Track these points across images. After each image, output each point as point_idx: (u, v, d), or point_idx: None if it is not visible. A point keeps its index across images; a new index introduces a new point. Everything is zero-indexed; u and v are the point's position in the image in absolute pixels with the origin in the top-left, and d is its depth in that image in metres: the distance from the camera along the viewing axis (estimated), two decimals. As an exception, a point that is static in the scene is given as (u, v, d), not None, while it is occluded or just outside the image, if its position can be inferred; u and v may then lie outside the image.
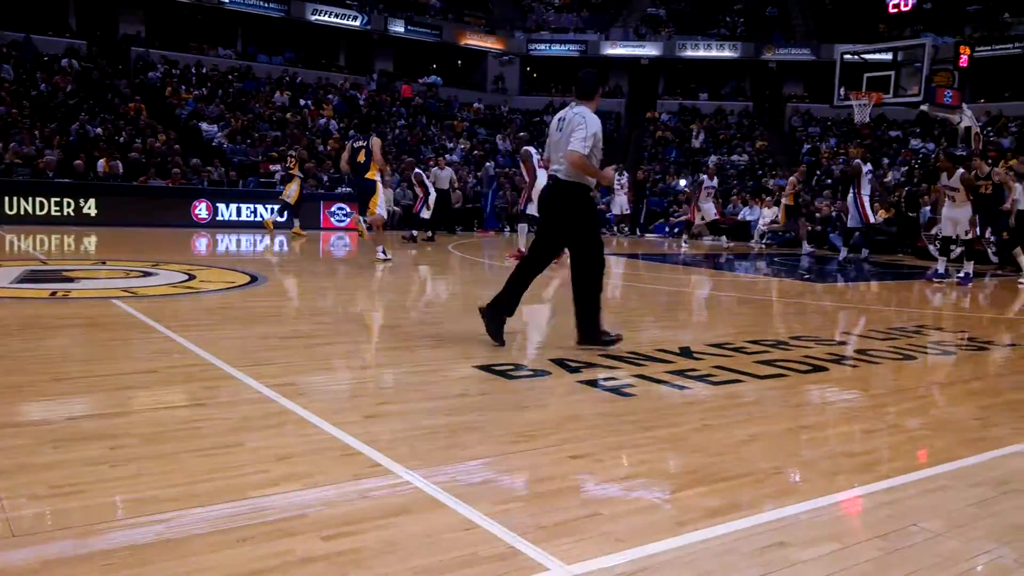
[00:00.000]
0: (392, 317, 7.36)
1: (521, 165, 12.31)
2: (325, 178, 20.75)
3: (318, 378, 4.51)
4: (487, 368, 4.74)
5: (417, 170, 16.87)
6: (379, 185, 11.41)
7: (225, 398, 3.97)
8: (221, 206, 18.16)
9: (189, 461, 3.01)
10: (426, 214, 16.16)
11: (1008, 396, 4.79)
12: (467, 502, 2.70)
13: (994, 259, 14.29)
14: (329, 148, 22.80)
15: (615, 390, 4.40)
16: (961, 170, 13.07)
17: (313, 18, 29.34)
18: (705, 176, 18.69)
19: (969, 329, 7.80)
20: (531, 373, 4.71)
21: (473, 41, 33.79)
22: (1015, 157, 15.55)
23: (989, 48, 28.61)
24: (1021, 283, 12.00)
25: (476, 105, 31.56)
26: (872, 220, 15.48)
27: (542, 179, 11.60)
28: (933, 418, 4.30)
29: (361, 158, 11.16)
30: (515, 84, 34.81)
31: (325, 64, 31.15)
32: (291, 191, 15.92)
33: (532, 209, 11.18)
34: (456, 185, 19.78)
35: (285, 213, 16.22)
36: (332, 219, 19.00)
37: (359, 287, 9.44)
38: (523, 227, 12.83)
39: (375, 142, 11.14)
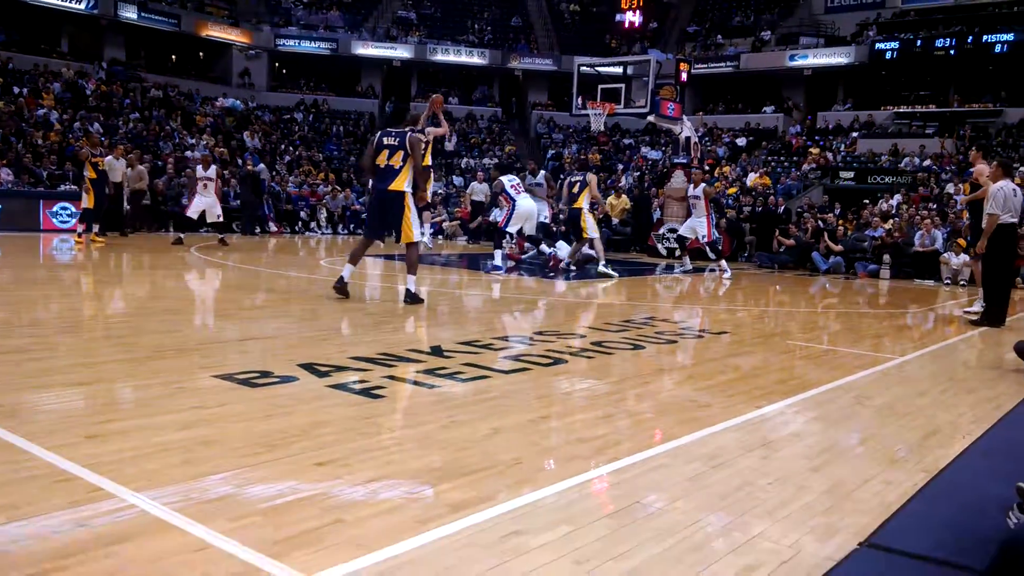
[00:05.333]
0: (123, 326, 6.77)
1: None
2: (45, 174, 18.70)
3: (30, 397, 4.03)
4: (228, 377, 4.51)
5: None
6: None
7: (-91, 427, 3.43)
8: (-85, 207, 15.76)
9: None
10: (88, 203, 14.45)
11: (719, 378, 5.36)
12: (200, 521, 2.55)
13: (712, 256, 15.90)
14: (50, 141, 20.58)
15: (365, 392, 4.37)
16: (704, 183, 14.74)
17: (28, -3, 26.32)
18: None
19: (690, 319, 8.63)
20: (277, 380, 4.55)
21: (216, 33, 32.02)
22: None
23: (706, 66, 31.92)
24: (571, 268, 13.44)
25: (220, 100, 29.94)
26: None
27: (523, 202, 12.92)
28: (656, 402, 4.71)
29: (396, 162, 7.98)
30: (263, 79, 33.48)
31: (45, 49, 28.03)
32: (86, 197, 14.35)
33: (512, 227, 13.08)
34: (125, 179, 17.14)
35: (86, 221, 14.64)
36: (54, 220, 17.15)
37: (85, 295, 8.60)
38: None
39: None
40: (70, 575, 2.18)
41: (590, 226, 12.96)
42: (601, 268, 12.67)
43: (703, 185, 14.61)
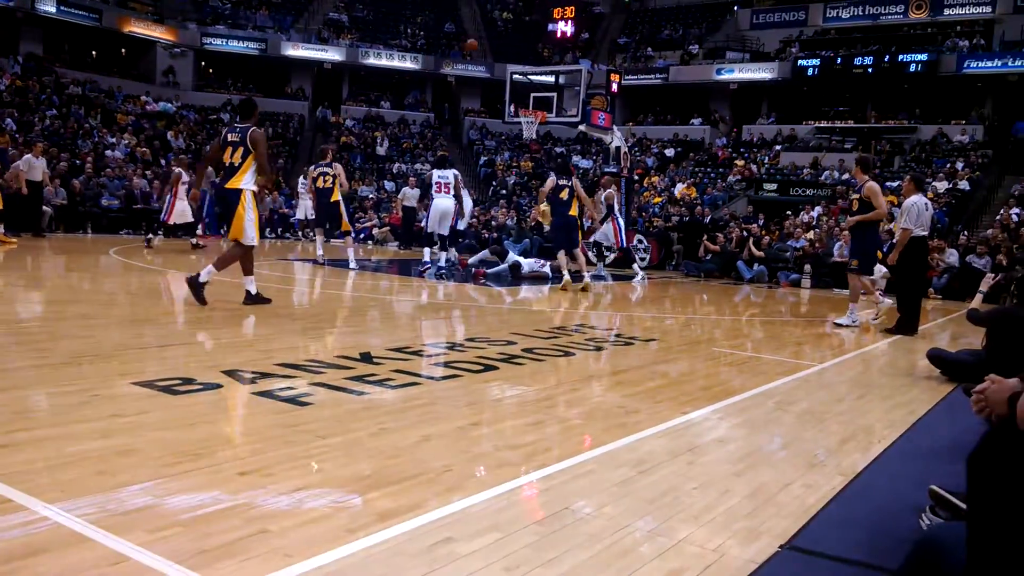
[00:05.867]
0: (38, 331, 6.50)
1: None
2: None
3: (-66, 406, 3.84)
4: (148, 384, 4.36)
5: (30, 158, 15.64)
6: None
7: None
8: None
9: None
10: None
11: (647, 384, 5.45)
12: (117, 533, 2.45)
13: (639, 263, 16.12)
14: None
15: (291, 400, 4.29)
16: (611, 188, 14.87)
17: (-65, -12, 25.13)
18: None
19: (619, 326, 8.74)
20: (200, 387, 4.42)
21: (139, 29, 31.05)
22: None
23: (636, 77, 32.44)
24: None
25: (144, 98, 29.06)
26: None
27: (439, 201, 12.61)
28: (586, 408, 4.75)
29: (237, 159, 7.77)
30: (188, 78, 32.61)
31: (-45, 42, 26.86)
32: None
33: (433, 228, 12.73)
34: (46, 178, 16.69)
35: None
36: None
37: (-4, 298, 8.24)
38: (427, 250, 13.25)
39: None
40: (-24, 592, 2.08)
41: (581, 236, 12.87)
42: (588, 277, 12.21)
43: (611, 190, 14.88)
